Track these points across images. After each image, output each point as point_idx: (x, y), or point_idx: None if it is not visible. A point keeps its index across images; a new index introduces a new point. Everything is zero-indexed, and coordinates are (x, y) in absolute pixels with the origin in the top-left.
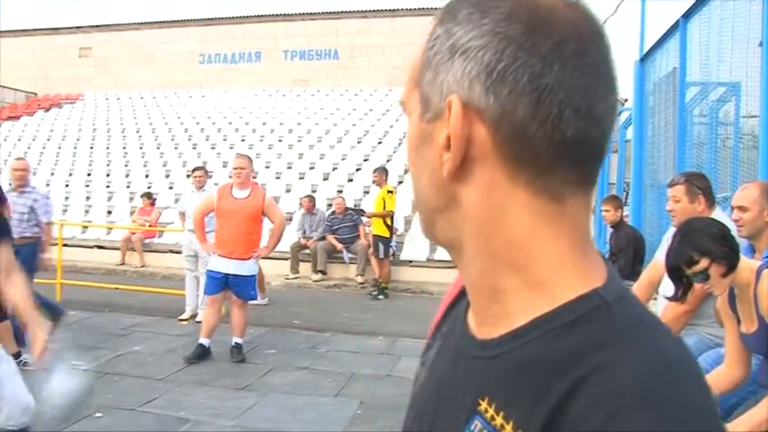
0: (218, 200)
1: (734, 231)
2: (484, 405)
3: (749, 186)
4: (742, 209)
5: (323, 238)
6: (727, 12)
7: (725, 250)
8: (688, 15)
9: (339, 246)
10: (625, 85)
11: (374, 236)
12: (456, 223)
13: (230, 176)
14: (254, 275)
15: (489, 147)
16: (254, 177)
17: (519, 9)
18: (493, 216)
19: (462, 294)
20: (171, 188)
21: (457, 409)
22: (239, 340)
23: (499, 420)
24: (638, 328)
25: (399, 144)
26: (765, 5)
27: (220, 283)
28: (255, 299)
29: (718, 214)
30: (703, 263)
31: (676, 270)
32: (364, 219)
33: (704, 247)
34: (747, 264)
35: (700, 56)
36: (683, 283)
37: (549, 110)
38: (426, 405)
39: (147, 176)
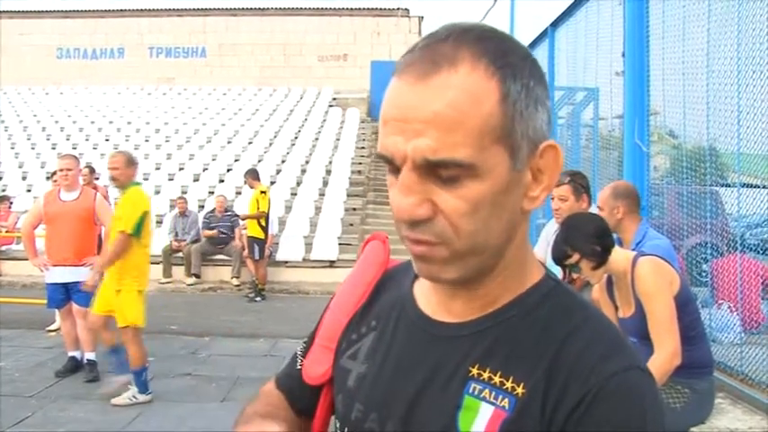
0: (44, 206)
1: None
2: (475, 371)
3: (606, 187)
4: (599, 208)
5: (196, 241)
6: (592, 23)
7: (594, 248)
8: (556, 24)
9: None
10: None
11: (249, 237)
12: (502, 251)
13: (54, 180)
14: None
15: None
16: (97, 179)
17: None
18: (525, 233)
19: (377, 292)
20: (29, 191)
21: (443, 384)
22: (91, 356)
23: (497, 379)
24: (581, 297)
25: (270, 144)
26: (626, 21)
27: (63, 293)
28: None
29: (594, 210)
30: (575, 257)
31: (557, 260)
32: (241, 221)
33: (575, 244)
34: (624, 254)
35: (567, 62)
36: (565, 270)
37: None
38: (386, 392)
39: (0, 179)
